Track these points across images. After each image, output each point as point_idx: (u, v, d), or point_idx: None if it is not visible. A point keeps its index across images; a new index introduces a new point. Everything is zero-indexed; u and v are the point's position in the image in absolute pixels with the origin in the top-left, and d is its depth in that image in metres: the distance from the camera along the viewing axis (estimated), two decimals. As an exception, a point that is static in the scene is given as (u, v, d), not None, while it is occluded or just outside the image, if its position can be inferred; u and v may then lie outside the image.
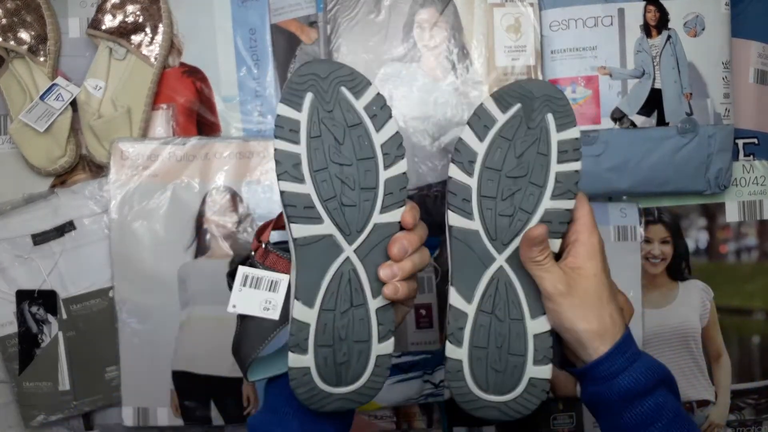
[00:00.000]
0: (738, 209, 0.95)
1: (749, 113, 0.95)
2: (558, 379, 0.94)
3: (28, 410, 0.92)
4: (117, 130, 0.92)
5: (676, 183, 0.90)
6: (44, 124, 0.90)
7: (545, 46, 0.91)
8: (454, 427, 0.96)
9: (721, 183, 0.91)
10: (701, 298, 0.95)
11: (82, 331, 0.92)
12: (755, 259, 0.96)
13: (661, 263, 0.95)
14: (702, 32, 0.90)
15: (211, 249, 0.91)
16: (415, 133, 0.91)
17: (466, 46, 0.91)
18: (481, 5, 0.90)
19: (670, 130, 0.89)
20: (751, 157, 0.95)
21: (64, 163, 0.93)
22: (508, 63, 0.91)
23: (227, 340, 0.91)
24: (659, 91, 0.89)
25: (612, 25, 0.89)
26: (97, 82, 0.92)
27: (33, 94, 0.92)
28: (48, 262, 0.92)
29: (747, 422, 0.97)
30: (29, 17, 0.92)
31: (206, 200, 0.92)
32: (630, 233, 0.93)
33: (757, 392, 0.97)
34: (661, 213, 0.95)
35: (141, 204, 0.91)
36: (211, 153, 0.92)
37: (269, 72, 0.94)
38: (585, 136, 0.90)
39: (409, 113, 0.91)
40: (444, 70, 0.91)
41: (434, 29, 0.91)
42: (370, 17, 0.91)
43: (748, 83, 0.95)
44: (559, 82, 0.90)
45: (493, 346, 0.58)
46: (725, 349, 0.95)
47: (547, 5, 0.91)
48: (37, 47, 0.92)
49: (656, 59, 0.89)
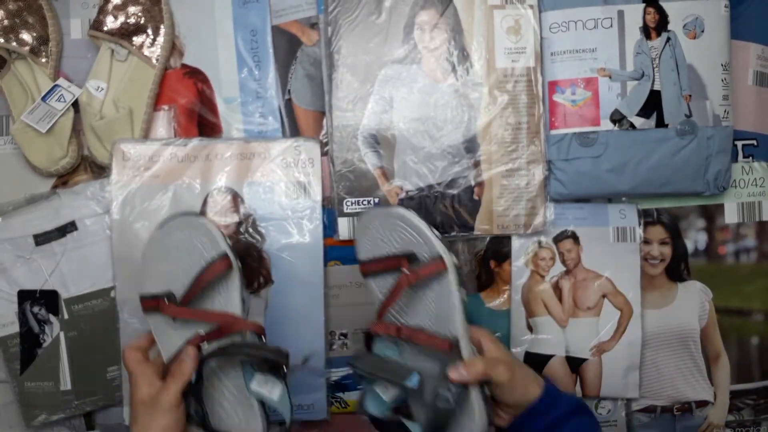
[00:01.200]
0: (737, 210, 0.96)
1: (748, 115, 0.95)
2: (558, 379, 0.94)
3: (29, 410, 0.92)
4: (119, 131, 0.92)
5: (676, 184, 0.91)
6: (46, 125, 0.90)
7: (545, 47, 0.91)
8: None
9: (720, 184, 0.91)
10: (700, 299, 0.95)
11: (83, 331, 0.93)
12: (754, 261, 0.97)
13: (660, 264, 0.95)
14: (701, 34, 0.90)
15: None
16: (415, 134, 0.91)
17: (467, 47, 0.91)
18: (482, 7, 0.91)
19: (670, 132, 0.90)
20: (750, 159, 0.96)
21: (66, 163, 0.93)
22: (508, 64, 0.91)
23: (228, 340, 0.91)
24: (658, 92, 0.90)
25: (612, 27, 0.90)
26: (98, 83, 0.92)
27: (35, 95, 0.92)
28: (49, 262, 0.92)
29: (746, 423, 0.97)
30: (31, 18, 0.92)
31: (207, 201, 0.92)
32: (629, 234, 0.94)
33: (755, 393, 0.97)
34: (660, 214, 0.95)
35: (142, 205, 0.91)
36: (212, 154, 0.92)
37: (270, 73, 0.94)
38: (584, 137, 0.90)
39: (410, 114, 0.91)
40: (444, 71, 0.91)
41: (434, 31, 0.91)
42: (370, 19, 0.91)
43: (748, 85, 0.95)
44: (558, 84, 0.91)
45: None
46: (724, 350, 0.96)
47: (547, 7, 0.91)
48: (39, 48, 0.92)
49: (656, 61, 0.90)
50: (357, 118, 0.91)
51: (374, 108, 0.91)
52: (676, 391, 0.96)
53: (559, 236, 0.94)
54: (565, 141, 0.91)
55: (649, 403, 0.96)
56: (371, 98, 0.91)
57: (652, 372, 0.95)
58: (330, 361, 0.94)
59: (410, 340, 0.70)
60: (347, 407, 0.95)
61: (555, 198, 0.93)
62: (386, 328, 0.71)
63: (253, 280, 0.92)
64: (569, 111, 0.91)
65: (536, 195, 0.92)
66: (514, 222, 0.92)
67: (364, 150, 0.91)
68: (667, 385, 0.96)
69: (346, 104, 0.91)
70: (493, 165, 0.91)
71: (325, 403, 0.93)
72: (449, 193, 0.91)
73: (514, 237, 0.94)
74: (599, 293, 0.94)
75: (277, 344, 0.91)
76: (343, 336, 0.95)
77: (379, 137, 0.91)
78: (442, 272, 0.70)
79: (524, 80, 0.91)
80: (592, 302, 0.94)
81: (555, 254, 0.94)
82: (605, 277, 0.94)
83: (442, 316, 0.70)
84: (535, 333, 0.94)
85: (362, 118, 0.91)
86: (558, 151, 0.91)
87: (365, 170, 0.91)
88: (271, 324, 0.91)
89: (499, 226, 0.92)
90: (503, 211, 0.92)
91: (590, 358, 0.94)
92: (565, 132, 0.91)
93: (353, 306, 0.94)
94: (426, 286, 0.71)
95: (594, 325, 0.94)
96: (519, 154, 0.91)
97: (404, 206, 0.78)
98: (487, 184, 0.91)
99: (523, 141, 0.91)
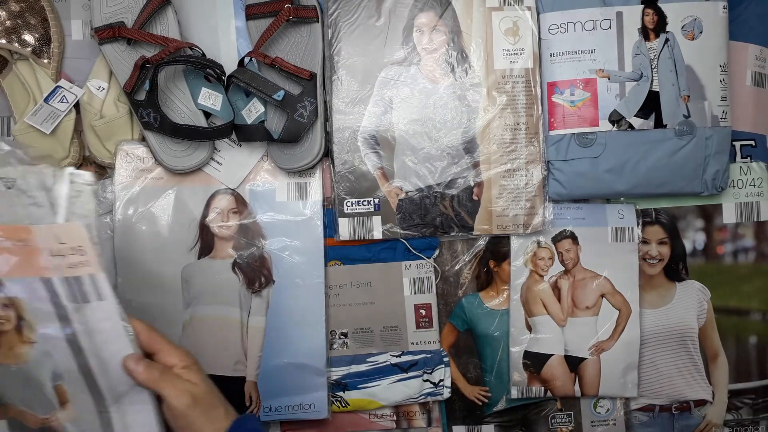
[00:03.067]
0: (735, 211, 0.96)
1: (746, 115, 0.95)
2: (557, 378, 0.94)
3: (32, 409, 0.93)
4: (118, 131, 0.92)
5: (674, 185, 0.91)
6: (50, 126, 0.91)
7: (544, 49, 0.92)
8: (454, 426, 0.96)
9: (718, 185, 0.91)
10: (698, 298, 0.96)
11: (85, 330, 0.93)
12: (752, 260, 0.97)
13: (658, 264, 0.96)
14: (700, 35, 0.90)
15: (215, 250, 0.92)
16: (414, 135, 0.92)
17: (465, 49, 0.91)
18: (480, 9, 0.91)
19: (668, 133, 0.90)
20: (748, 159, 0.96)
21: (68, 164, 0.93)
22: (507, 66, 0.91)
23: (229, 340, 0.92)
24: (657, 93, 0.90)
25: (610, 28, 0.90)
26: (100, 82, 0.93)
27: (36, 95, 0.92)
28: (52, 262, 0.92)
29: (744, 422, 0.97)
30: (33, 19, 0.92)
31: (210, 202, 0.93)
32: (627, 234, 0.94)
33: (754, 392, 0.97)
34: (658, 214, 0.96)
35: (146, 206, 0.92)
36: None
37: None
38: (583, 138, 0.90)
39: (409, 116, 0.92)
40: (443, 73, 0.92)
41: (433, 33, 0.92)
42: (370, 21, 0.92)
43: (746, 86, 0.95)
44: (557, 85, 0.91)
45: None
46: (722, 350, 0.96)
47: (546, 8, 0.91)
48: (41, 49, 0.93)
49: (654, 62, 0.90)
50: (357, 119, 0.92)
51: (374, 109, 0.92)
52: (674, 390, 0.96)
53: (557, 236, 0.94)
54: (564, 141, 0.91)
55: (647, 402, 0.96)
56: (371, 100, 0.92)
57: (650, 371, 0.96)
58: (330, 361, 0.95)
59: (280, 67, 0.88)
60: (347, 406, 0.95)
61: (554, 198, 0.93)
62: (264, 57, 0.88)
63: (254, 279, 0.92)
64: (568, 112, 0.91)
65: (535, 195, 0.92)
66: (513, 222, 0.92)
67: (364, 151, 0.92)
68: (665, 384, 0.96)
69: (346, 106, 0.92)
70: (492, 165, 0.92)
71: (326, 403, 0.93)
72: (448, 193, 0.92)
73: (513, 237, 0.94)
74: (598, 293, 0.94)
75: (279, 343, 0.92)
76: (343, 335, 0.95)
77: (379, 138, 0.92)
78: (314, 19, 0.90)
79: (522, 81, 0.91)
80: (590, 302, 0.94)
81: (554, 254, 0.94)
82: (604, 276, 0.94)
83: (307, 56, 0.90)
84: (534, 332, 0.95)
85: (362, 119, 0.92)
86: (557, 151, 0.91)
87: (365, 171, 0.92)
88: (273, 323, 0.92)
89: (498, 226, 0.92)
90: (502, 211, 0.92)
91: (589, 357, 0.94)
92: (564, 132, 0.91)
93: (353, 306, 0.95)
94: (299, 28, 0.90)
95: (592, 325, 0.94)
96: (518, 154, 0.92)
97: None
98: (486, 184, 0.92)
99: (522, 141, 0.92)
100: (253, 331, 0.92)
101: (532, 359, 0.95)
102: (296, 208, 0.93)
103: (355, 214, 0.92)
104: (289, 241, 0.92)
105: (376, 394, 0.95)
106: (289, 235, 0.93)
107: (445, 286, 0.96)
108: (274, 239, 0.92)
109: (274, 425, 0.96)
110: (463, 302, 0.96)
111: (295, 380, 0.92)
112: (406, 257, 0.94)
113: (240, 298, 0.92)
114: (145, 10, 0.88)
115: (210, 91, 0.90)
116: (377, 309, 0.95)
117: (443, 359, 0.95)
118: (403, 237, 0.93)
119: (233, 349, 0.92)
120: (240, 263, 0.92)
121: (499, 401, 0.96)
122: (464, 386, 0.96)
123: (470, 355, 0.96)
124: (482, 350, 0.96)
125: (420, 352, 0.95)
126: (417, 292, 0.95)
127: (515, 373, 0.95)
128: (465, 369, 0.96)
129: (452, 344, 0.96)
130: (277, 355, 0.92)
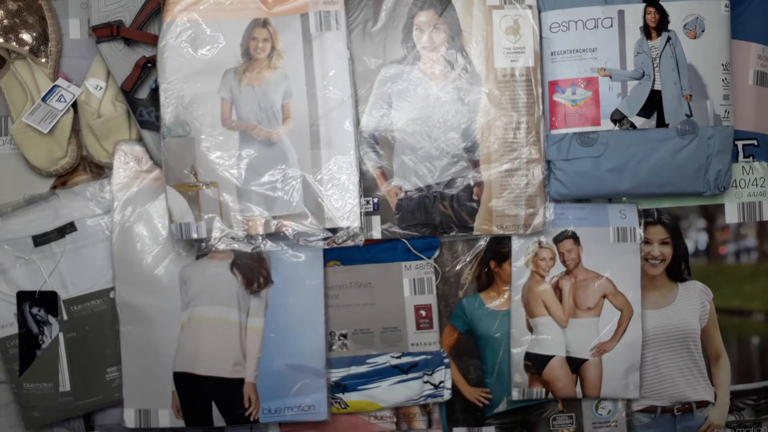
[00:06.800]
0: (737, 210, 0.95)
1: (749, 115, 0.95)
2: (558, 380, 0.94)
3: (28, 411, 0.92)
4: (116, 131, 0.92)
5: (676, 184, 0.90)
6: (48, 126, 0.90)
7: (545, 47, 0.91)
8: (454, 428, 0.96)
9: (720, 184, 0.91)
10: (701, 299, 0.95)
11: (82, 332, 0.93)
12: (754, 261, 0.97)
13: (660, 264, 0.95)
14: (702, 34, 0.90)
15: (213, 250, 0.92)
16: (414, 134, 0.91)
17: (465, 47, 0.91)
18: (480, 7, 0.91)
19: (670, 132, 0.90)
20: (751, 159, 0.96)
21: (65, 164, 0.93)
22: (507, 64, 0.91)
23: (228, 341, 0.92)
24: (659, 92, 0.90)
25: (612, 27, 0.90)
26: (98, 81, 0.92)
27: (34, 95, 0.92)
28: (49, 263, 0.92)
29: (746, 423, 0.97)
30: (31, 18, 0.92)
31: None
32: (629, 234, 0.94)
33: (756, 393, 0.97)
34: (660, 214, 0.95)
35: (143, 206, 0.91)
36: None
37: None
38: (585, 137, 0.90)
39: (409, 114, 0.91)
40: (443, 71, 0.91)
41: (433, 31, 0.91)
42: (369, 20, 0.91)
43: (748, 85, 0.95)
44: (559, 84, 0.91)
45: None
46: (725, 350, 0.96)
47: (548, 7, 0.91)
48: (39, 48, 0.92)
49: (656, 61, 0.89)
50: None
51: (373, 108, 0.91)
52: (676, 391, 0.96)
53: (559, 236, 0.94)
54: (566, 141, 0.90)
55: (649, 403, 0.96)
56: (370, 98, 0.91)
57: (652, 372, 0.95)
58: (329, 362, 0.94)
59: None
60: (347, 408, 0.95)
61: (555, 198, 0.93)
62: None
63: (253, 280, 0.92)
64: (569, 111, 0.90)
65: (536, 195, 0.91)
66: (513, 222, 0.92)
67: (363, 150, 0.91)
68: (667, 385, 0.96)
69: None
70: (492, 165, 0.91)
71: (326, 404, 0.93)
72: (448, 193, 0.91)
73: (514, 237, 0.94)
74: (599, 293, 0.94)
75: (277, 344, 0.92)
76: (343, 336, 0.95)
77: (378, 137, 0.91)
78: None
79: (523, 80, 0.91)
80: (592, 302, 0.94)
81: (555, 254, 0.94)
82: (605, 277, 0.94)
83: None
84: (535, 333, 0.94)
85: (361, 118, 0.91)
86: (558, 151, 0.91)
87: (364, 170, 0.91)
88: (271, 324, 0.92)
89: (499, 227, 0.92)
90: (503, 211, 0.91)
91: (590, 358, 0.94)
92: (566, 132, 0.91)
93: (353, 306, 0.94)
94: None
95: (594, 326, 0.94)
96: (518, 153, 0.91)
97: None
98: (487, 184, 0.91)
99: (523, 141, 0.91)
100: (251, 332, 0.92)
101: (534, 360, 0.94)
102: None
103: (354, 214, 0.91)
104: (288, 241, 0.92)
105: (376, 396, 0.94)
106: (288, 235, 0.92)
107: (445, 286, 0.96)
108: (273, 239, 0.92)
109: (273, 427, 0.96)
110: (463, 303, 0.95)
111: (294, 382, 0.92)
112: (406, 258, 0.94)
113: (238, 299, 0.92)
114: (144, 10, 0.88)
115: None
116: (377, 310, 0.94)
117: (443, 360, 0.95)
118: (402, 237, 0.92)
119: (232, 351, 0.91)
120: (239, 263, 0.92)
121: (500, 403, 0.96)
122: (465, 388, 0.96)
123: (471, 356, 0.96)
124: (483, 351, 0.96)
125: (420, 353, 0.95)
126: (417, 293, 0.94)
127: (516, 375, 0.94)
128: (465, 370, 0.96)
129: (453, 345, 0.96)
130: (276, 356, 0.92)
